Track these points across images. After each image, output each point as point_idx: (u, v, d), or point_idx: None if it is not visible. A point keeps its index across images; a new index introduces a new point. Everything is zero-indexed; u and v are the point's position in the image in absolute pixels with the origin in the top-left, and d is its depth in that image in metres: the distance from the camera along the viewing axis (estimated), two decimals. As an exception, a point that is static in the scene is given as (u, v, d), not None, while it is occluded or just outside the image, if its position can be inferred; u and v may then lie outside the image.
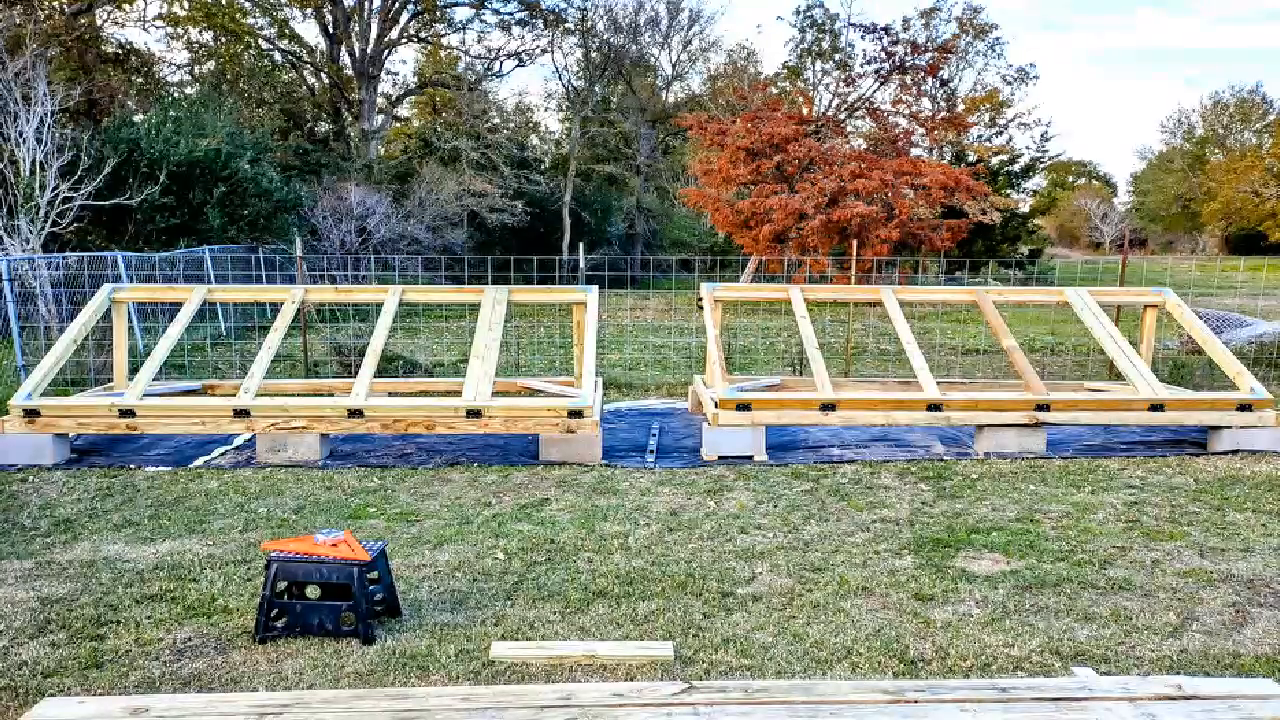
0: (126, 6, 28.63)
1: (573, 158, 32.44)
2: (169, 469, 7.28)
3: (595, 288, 8.72)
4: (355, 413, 7.47)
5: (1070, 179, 76.88)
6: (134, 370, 8.93)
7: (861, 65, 28.73)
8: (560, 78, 36.39)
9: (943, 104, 34.61)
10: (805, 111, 28.02)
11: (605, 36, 33.65)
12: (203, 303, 8.62)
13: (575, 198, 32.08)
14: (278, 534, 5.64)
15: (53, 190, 14.68)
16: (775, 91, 33.47)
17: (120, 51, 28.41)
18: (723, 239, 33.65)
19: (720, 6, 76.07)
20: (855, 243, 14.16)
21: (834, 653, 4.07)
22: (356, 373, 8.57)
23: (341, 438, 8.21)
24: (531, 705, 3.21)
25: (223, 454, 7.81)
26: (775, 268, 24.35)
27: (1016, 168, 37.05)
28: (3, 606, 4.54)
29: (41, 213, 14.49)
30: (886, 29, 26.88)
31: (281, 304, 8.54)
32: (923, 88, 30.29)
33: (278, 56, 33.68)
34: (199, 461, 7.55)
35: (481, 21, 39.30)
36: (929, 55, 27.32)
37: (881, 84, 27.70)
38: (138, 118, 21.67)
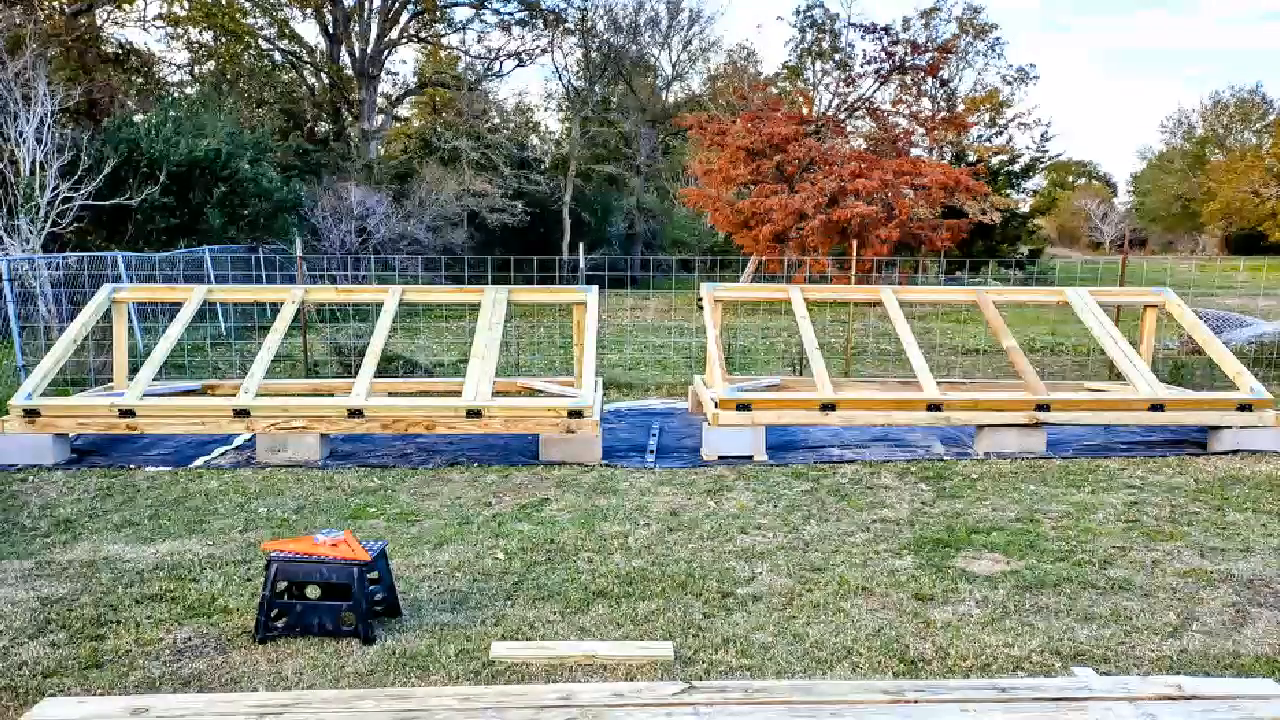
0: (126, 6, 28.61)
1: (573, 158, 32.42)
2: (169, 469, 7.28)
3: (595, 288, 8.72)
4: (355, 413, 7.47)
5: (1070, 179, 76.87)
6: (134, 370, 8.93)
7: (861, 65, 28.73)
8: (560, 78, 36.40)
9: (943, 104, 34.61)
10: (805, 111, 28.03)
11: (605, 36, 33.65)
12: (203, 303, 8.62)
13: (575, 198, 32.07)
14: (278, 534, 5.64)
15: (53, 190, 14.68)
16: (775, 91, 33.45)
17: (120, 51, 28.39)
18: (723, 239, 33.65)
19: (720, 6, 76.17)
20: (855, 243, 14.16)
21: (834, 653, 4.07)
22: (356, 373, 8.56)
23: (341, 438, 8.21)
24: (531, 705, 3.21)
25: (223, 454, 7.81)
26: (775, 268, 24.35)
27: (1016, 168, 37.02)
28: (3, 606, 4.54)
29: (41, 213, 14.48)
30: (886, 29, 26.90)
31: (281, 304, 8.54)
32: (923, 88, 30.32)
33: (278, 56, 33.66)
34: (199, 461, 7.55)
35: (481, 21, 39.32)
36: (929, 55, 27.32)
37: (881, 84, 27.71)
38: (138, 118, 21.64)
